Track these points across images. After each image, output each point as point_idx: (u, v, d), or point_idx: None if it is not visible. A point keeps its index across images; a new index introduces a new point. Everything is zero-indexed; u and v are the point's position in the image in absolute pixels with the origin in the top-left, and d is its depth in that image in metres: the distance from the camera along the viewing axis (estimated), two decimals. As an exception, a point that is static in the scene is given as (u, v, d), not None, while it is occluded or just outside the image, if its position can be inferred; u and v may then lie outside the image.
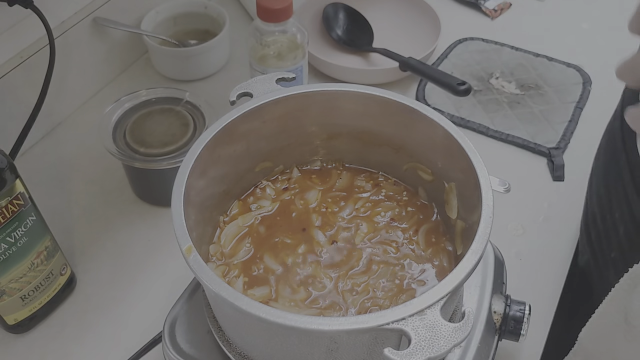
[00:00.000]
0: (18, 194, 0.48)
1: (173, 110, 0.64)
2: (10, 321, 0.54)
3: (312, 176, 0.54)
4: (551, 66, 0.83)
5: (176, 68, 0.80)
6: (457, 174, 0.46)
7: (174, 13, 0.83)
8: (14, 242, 0.49)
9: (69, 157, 0.72)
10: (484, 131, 0.74)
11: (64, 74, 0.73)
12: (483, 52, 0.86)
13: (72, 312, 0.58)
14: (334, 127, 0.52)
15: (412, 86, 0.81)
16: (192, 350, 0.46)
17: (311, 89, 0.49)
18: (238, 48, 0.84)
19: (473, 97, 0.78)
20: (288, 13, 0.65)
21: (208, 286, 0.36)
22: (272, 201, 0.52)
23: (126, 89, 0.75)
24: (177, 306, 0.49)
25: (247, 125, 0.48)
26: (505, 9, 0.94)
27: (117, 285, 0.60)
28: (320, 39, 0.86)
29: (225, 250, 0.49)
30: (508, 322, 0.47)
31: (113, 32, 0.77)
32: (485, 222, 0.39)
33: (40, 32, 0.66)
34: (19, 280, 0.51)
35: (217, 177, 0.48)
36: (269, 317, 0.35)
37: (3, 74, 0.65)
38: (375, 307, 0.45)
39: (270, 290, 0.46)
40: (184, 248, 0.38)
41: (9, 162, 0.47)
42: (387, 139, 0.51)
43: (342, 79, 0.78)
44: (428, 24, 0.85)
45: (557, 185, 0.69)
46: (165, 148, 0.61)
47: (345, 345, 0.38)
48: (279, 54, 0.67)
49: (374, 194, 0.53)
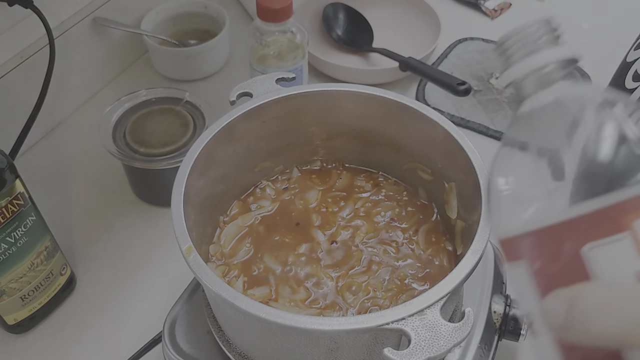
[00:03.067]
0: (18, 194, 0.48)
1: (173, 110, 0.64)
2: (10, 321, 0.54)
3: (312, 176, 0.54)
4: (551, 66, 0.83)
5: (176, 68, 0.80)
6: (457, 174, 0.46)
7: (174, 13, 0.82)
8: (14, 242, 0.49)
9: (69, 157, 0.72)
10: (484, 131, 0.74)
11: (64, 74, 0.73)
12: (483, 52, 0.86)
13: (72, 312, 0.58)
14: (334, 127, 0.52)
15: (412, 86, 0.81)
16: (192, 350, 0.46)
17: (311, 89, 0.49)
18: (238, 48, 0.84)
19: (473, 97, 0.78)
20: (288, 13, 0.65)
21: (208, 286, 0.36)
22: (272, 201, 0.52)
23: (126, 88, 0.75)
24: (177, 306, 0.49)
25: (247, 125, 0.48)
26: (505, 9, 0.94)
27: (117, 285, 0.60)
28: (320, 39, 0.86)
29: (225, 250, 0.49)
30: (508, 322, 0.47)
31: (113, 32, 0.77)
32: (485, 222, 0.39)
33: (40, 32, 0.66)
34: (18, 280, 0.51)
35: (217, 177, 0.48)
36: (269, 317, 0.35)
37: (3, 74, 0.65)
38: (375, 307, 0.45)
39: (270, 290, 0.46)
40: (183, 248, 0.38)
41: (8, 162, 0.47)
42: (387, 139, 0.51)
43: (342, 79, 0.78)
44: (428, 24, 0.85)
45: (557, 185, 0.69)
46: (165, 148, 0.61)
47: (345, 345, 0.38)
48: (279, 54, 0.67)
49: (374, 194, 0.53)
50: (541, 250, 0.21)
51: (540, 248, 0.21)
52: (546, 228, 0.20)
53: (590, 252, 0.19)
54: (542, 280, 0.21)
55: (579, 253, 0.19)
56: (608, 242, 0.19)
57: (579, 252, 0.19)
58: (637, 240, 0.18)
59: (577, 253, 0.19)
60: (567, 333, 0.20)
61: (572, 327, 0.19)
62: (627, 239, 0.18)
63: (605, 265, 0.19)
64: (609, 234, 0.19)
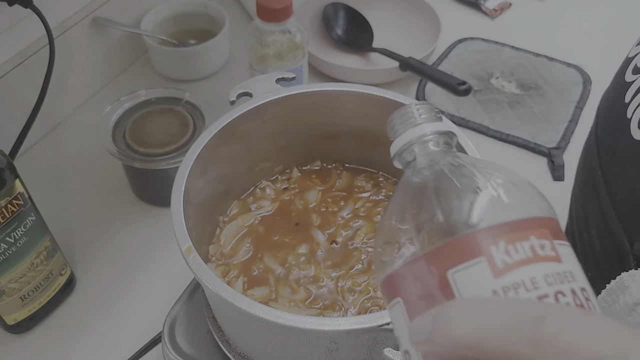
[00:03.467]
0: (18, 194, 0.48)
1: (173, 110, 0.64)
2: (10, 321, 0.54)
3: (312, 176, 0.54)
4: (551, 66, 0.83)
5: (176, 68, 0.80)
6: (457, 174, 0.46)
7: (174, 13, 0.82)
8: (14, 242, 0.49)
9: (69, 157, 0.71)
10: (484, 131, 0.74)
11: (64, 73, 0.73)
12: (483, 52, 0.86)
13: (71, 312, 0.58)
14: (334, 127, 0.52)
15: (412, 86, 0.81)
16: (191, 350, 0.46)
17: (311, 89, 0.49)
18: (238, 48, 0.84)
19: (473, 97, 0.78)
20: (288, 13, 0.65)
21: (208, 286, 0.36)
22: (272, 201, 0.52)
23: (126, 88, 0.75)
24: (176, 306, 0.49)
25: (247, 125, 0.48)
26: (505, 8, 0.94)
27: (116, 285, 0.60)
28: (320, 39, 0.86)
29: (225, 250, 0.49)
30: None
31: (113, 32, 0.77)
32: (486, 222, 0.39)
33: (39, 32, 0.66)
34: (18, 280, 0.51)
35: (217, 177, 0.48)
36: (269, 317, 0.35)
37: (3, 74, 0.65)
38: (375, 307, 0.44)
39: (270, 290, 0.46)
40: (183, 248, 0.38)
41: (8, 162, 0.47)
42: (387, 139, 0.51)
43: (342, 79, 0.78)
44: (428, 23, 0.85)
45: (558, 185, 0.69)
46: (165, 148, 0.61)
47: (345, 346, 0.38)
48: (279, 54, 0.67)
49: (374, 194, 0.53)
50: (411, 282, 0.24)
51: (410, 281, 0.24)
52: (412, 261, 0.24)
53: (454, 275, 0.22)
54: (413, 308, 0.24)
55: (445, 278, 0.22)
56: (468, 266, 0.22)
57: (445, 277, 0.22)
58: (491, 263, 0.22)
59: (443, 278, 0.23)
60: (432, 345, 0.21)
61: (436, 338, 0.21)
62: (484, 263, 0.22)
63: (467, 286, 0.22)
64: (468, 259, 0.22)
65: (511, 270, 0.22)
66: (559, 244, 0.24)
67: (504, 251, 0.22)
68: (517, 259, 0.22)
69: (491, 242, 0.23)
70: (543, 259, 0.23)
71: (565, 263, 0.23)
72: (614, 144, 0.44)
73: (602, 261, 0.45)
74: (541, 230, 0.23)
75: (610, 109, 0.46)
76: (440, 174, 0.26)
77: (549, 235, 0.24)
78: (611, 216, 0.44)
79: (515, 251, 0.22)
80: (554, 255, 0.23)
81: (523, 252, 0.22)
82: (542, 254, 0.23)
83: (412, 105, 0.29)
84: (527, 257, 0.22)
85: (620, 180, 0.43)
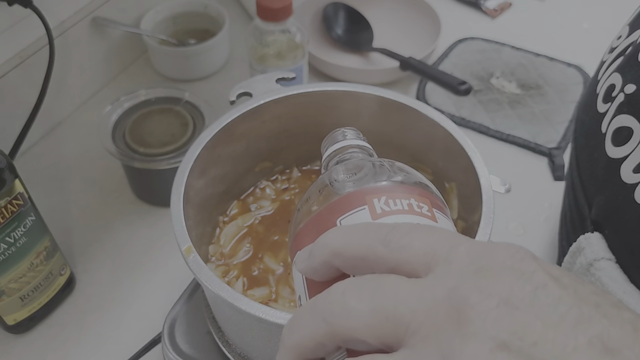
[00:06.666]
0: (17, 194, 0.48)
1: (172, 110, 0.64)
2: (10, 321, 0.54)
3: (312, 176, 0.54)
4: (552, 66, 0.83)
5: (176, 68, 0.80)
6: (458, 174, 0.46)
7: (174, 13, 0.82)
8: (14, 242, 0.49)
9: (69, 157, 0.71)
10: (484, 131, 0.74)
11: (64, 73, 0.73)
12: (483, 51, 0.85)
13: (71, 312, 0.58)
14: (334, 127, 0.52)
15: (412, 86, 0.81)
16: (191, 350, 0.46)
17: (311, 89, 0.49)
18: (238, 48, 0.84)
19: (473, 97, 0.78)
20: (288, 12, 0.65)
21: (207, 287, 0.36)
22: (271, 201, 0.52)
23: (125, 88, 0.75)
24: (176, 307, 0.49)
25: (246, 125, 0.48)
26: (506, 8, 0.94)
27: (116, 285, 0.60)
28: (320, 38, 0.86)
29: (225, 250, 0.48)
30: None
31: (112, 32, 0.77)
32: (486, 222, 0.39)
33: (39, 32, 0.66)
34: (18, 280, 0.51)
35: (217, 177, 0.48)
36: (269, 317, 0.34)
37: (2, 74, 0.65)
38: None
39: (270, 290, 0.46)
40: (183, 248, 0.38)
41: (8, 162, 0.47)
42: (387, 139, 0.51)
43: (342, 78, 0.78)
44: (428, 23, 0.85)
45: (558, 185, 0.69)
46: (165, 148, 0.61)
47: (345, 346, 0.38)
48: (279, 54, 0.67)
49: (374, 194, 0.52)
50: (310, 236, 0.27)
51: (309, 235, 0.27)
52: (312, 217, 0.27)
53: (341, 221, 0.26)
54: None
55: (334, 224, 0.26)
56: (353, 213, 0.26)
57: (335, 223, 0.26)
58: (372, 210, 0.26)
59: (333, 225, 0.26)
60: (310, 259, 0.25)
61: (313, 251, 0.24)
62: (365, 210, 0.26)
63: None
64: (353, 208, 0.26)
65: (387, 215, 0.25)
66: (437, 212, 0.26)
67: (384, 202, 0.26)
68: (394, 208, 0.26)
69: (374, 196, 0.26)
70: (418, 214, 0.26)
71: (441, 225, 0.26)
72: (584, 116, 0.47)
73: (571, 229, 0.47)
74: (422, 198, 0.27)
75: (586, 93, 0.48)
76: (341, 159, 0.33)
77: (429, 204, 0.27)
78: (577, 184, 0.47)
79: (394, 204, 0.26)
80: (430, 215, 0.26)
81: (401, 205, 0.26)
82: (418, 211, 0.26)
83: (340, 129, 0.36)
84: (403, 209, 0.26)
85: (585, 149, 0.45)
